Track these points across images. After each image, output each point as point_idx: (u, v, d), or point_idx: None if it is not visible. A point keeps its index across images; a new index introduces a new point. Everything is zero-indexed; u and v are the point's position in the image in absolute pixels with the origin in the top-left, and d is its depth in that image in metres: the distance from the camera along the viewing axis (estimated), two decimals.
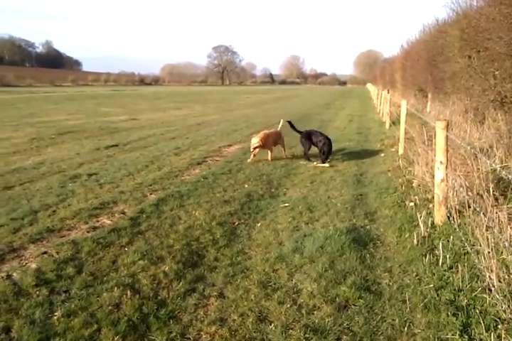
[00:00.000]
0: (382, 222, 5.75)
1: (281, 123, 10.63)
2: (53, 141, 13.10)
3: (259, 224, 5.73)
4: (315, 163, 9.46)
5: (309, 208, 6.34)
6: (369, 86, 72.63)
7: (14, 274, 4.21)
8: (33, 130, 15.58)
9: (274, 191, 7.32)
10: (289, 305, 3.69)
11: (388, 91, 20.25)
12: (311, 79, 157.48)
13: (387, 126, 15.97)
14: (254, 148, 9.48)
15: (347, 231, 5.23)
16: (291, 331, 3.35)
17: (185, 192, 7.10)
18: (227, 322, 3.48)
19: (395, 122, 15.36)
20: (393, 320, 3.49)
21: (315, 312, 3.60)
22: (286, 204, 6.54)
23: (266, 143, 9.61)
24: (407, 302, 3.71)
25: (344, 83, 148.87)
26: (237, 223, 5.76)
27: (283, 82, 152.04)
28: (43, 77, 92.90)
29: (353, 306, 3.69)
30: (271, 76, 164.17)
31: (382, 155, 10.51)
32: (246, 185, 7.67)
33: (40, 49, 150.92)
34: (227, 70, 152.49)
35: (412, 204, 6.12)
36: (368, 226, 5.56)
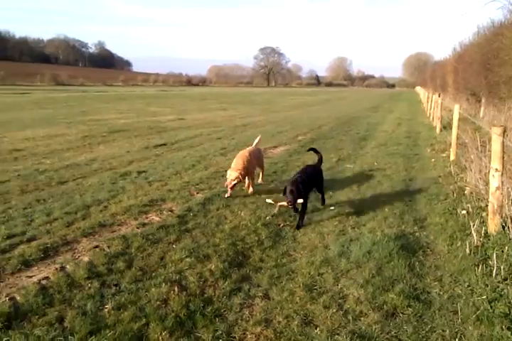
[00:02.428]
0: (432, 229, 5.59)
1: (257, 140, 8.10)
2: (105, 138, 13.54)
3: (304, 227, 5.69)
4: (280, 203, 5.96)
5: (356, 212, 6.25)
6: (418, 89, 70.86)
7: (67, 266, 4.38)
8: (85, 128, 16.16)
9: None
10: (334, 310, 3.64)
11: (439, 95, 19.66)
12: (358, 82, 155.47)
13: (437, 130, 15.52)
14: (233, 186, 6.83)
15: (395, 238, 5.12)
16: (336, 336, 3.31)
17: (231, 193, 7.15)
18: (272, 323, 3.48)
19: (446, 127, 14.92)
20: (443, 330, 3.38)
21: (362, 318, 3.55)
22: (332, 208, 6.47)
23: (248, 173, 7.07)
24: (459, 313, 3.59)
25: (392, 86, 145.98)
26: (282, 225, 5.76)
27: (329, 84, 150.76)
28: (95, 77, 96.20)
29: (401, 314, 3.61)
30: (317, 78, 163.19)
31: (433, 160, 10.21)
32: None
33: (92, 49, 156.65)
34: (273, 72, 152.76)
35: (464, 212, 5.92)
36: (417, 233, 5.42)
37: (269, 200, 6.15)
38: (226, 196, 6.86)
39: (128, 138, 13.65)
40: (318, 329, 3.39)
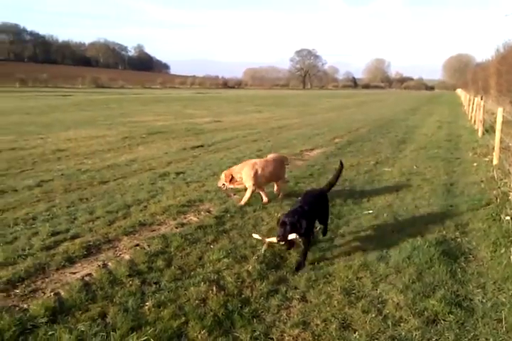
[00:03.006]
0: (474, 235, 5.43)
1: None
2: (144, 140, 13.82)
3: (341, 230, 5.65)
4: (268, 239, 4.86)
5: (395, 217, 6.15)
6: (459, 91, 68.98)
7: (109, 264, 4.50)
8: (125, 129, 16.54)
9: (357, 197, 7.17)
10: (373, 315, 3.59)
11: (481, 97, 19.09)
12: (396, 84, 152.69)
13: (479, 134, 15.07)
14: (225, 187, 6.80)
15: (436, 243, 5.01)
16: None
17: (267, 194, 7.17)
18: (310, 326, 3.46)
19: (488, 130, 14.48)
20: (487, 339, 3.29)
21: (401, 324, 3.49)
22: (370, 212, 6.39)
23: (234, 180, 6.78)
24: (503, 321, 3.48)
25: (431, 88, 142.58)
26: (318, 227, 5.71)
27: (366, 86, 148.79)
28: (134, 80, 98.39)
29: (442, 321, 3.53)
30: (353, 80, 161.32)
31: (475, 164, 9.91)
32: None
33: (132, 52, 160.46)
34: (309, 74, 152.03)
35: (508, 218, 5.72)
36: (458, 239, 5.28)
37: (255, 235, 4.87)
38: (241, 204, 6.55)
39: (166, 140, 13.88)
40: (357, 333, 3.36)
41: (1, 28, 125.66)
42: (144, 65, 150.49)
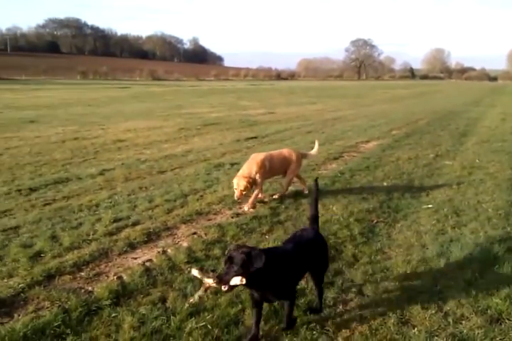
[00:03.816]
0: None
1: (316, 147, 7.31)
2: (199, 131, 14.06)
3: (399, 224, 5.52)
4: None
5: (456, 211, 5.92)
6: None
7: (168, 250, 4.63)
8: (181, 120, 16.89)
9: (415, 191, 6.98)
10: (433, 311, 3.49)
11: None
12: (456, 74, 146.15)
13: None
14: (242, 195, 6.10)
15: (500, 240, 4.80)
16: (436, 338, 3.18)
17: (322, 187, 7.09)
18: (367, 320, 3.41)
19: None
20: None
21: (463, 321, 3.37)
22: (430, 206, 6.19)
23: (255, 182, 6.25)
24: None
25: (494, 79, 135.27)
26: (375, 221, 5.62)
27: (424, 77, 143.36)
28: (189, 72, 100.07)
29: (507, 320, 3.38)
30: (411, 70, 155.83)
31: None
32: (385, 183, 7.44)
33: (187, 45, 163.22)
34: (364, 65, 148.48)
35: None
36: None
37: (194, 271, 3.36)
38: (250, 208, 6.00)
39: (220, 131, 14.06)
40: (415, 329, 3.28)
41: (64, 23, 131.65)
42: (199, 58, 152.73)
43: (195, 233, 5.11)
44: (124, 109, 21.37)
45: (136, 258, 4.47)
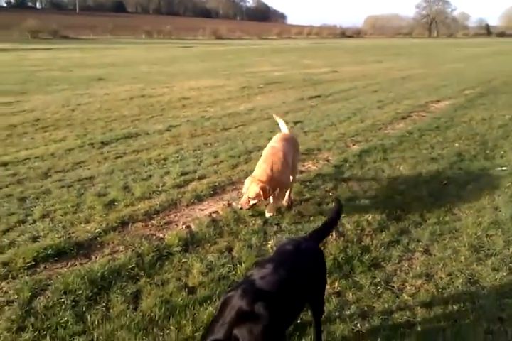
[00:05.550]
0: None
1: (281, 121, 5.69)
2: (261, 90, 13.94)
3: (470, 186, 5.29)
4: None
5: None
6: None
7: (234, 203, 4.73)
8: (243, 79, 16.78)
9: (489, 153, 6.62)
10: (504, 273, 3.40)
11: None
12: None
13: None
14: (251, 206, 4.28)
15: None
16: (506, 300, 3.11)
17: (388, 146, 6.93)
18: (433, 278, 3.37)
19: None
20: None
21: None
22: (504, 168, 5.87)
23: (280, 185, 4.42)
24: None
25: None
26: (445, 182, 5.42)
27: (501, 35, 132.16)
28: (251, 30, 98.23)
29: None
30: (487, 27, 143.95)
31: None
32: (456, 144, 7.11)
33: (250, 3, 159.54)
34: (435, 21, 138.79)
35: None
36: None
37: None
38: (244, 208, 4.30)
39: (283, 90, 13.85)
40: (485, 290, 3.21)
41: None
42: (261, 15, 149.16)
43: None
44: (187, 68, 21.50)
45: (203, 210, 4.62)
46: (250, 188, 4.18)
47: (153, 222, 4.34)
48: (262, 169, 4.33)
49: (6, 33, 50.10)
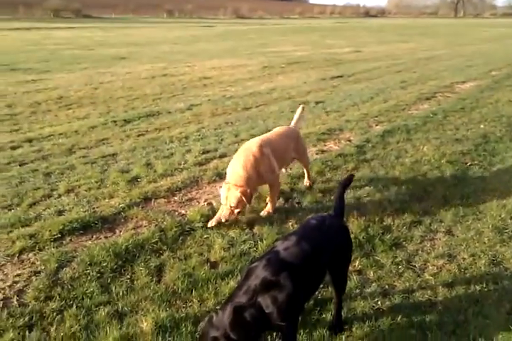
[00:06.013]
0: None
1: (298, 113, 4.88)
2: (283, 69, 13.78)
3: (495, 168, 5.20)
4: None
5: None
6: None
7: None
8: (264, 59, 16.60)
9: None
10: None
11: None
12: None
13: None
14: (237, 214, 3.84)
15: None
16: None
17: (412, 127, 6.82)
18: (456, 259, 3.35)
19: None
20: None
21: None
22: None
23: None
24: None
25: None
26: (469, 163, 5.33)
27: None
28: (273, 10, 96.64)
29: None
30: None
31: None
32: (481, 125, 6.95)
33: None
34: (462, 1, 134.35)
35: None
36: None
37: None
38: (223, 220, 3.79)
39: (305, 70, 13.68)
40: (508, 271, 3.18)
41: None
42: None
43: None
44: (208, 48, 21.35)
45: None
46: (229, 196, 3.72)
47: (176, 198, 4.39)
48: (233, 171, 3.85)
49: (28, 12, 50.37)
